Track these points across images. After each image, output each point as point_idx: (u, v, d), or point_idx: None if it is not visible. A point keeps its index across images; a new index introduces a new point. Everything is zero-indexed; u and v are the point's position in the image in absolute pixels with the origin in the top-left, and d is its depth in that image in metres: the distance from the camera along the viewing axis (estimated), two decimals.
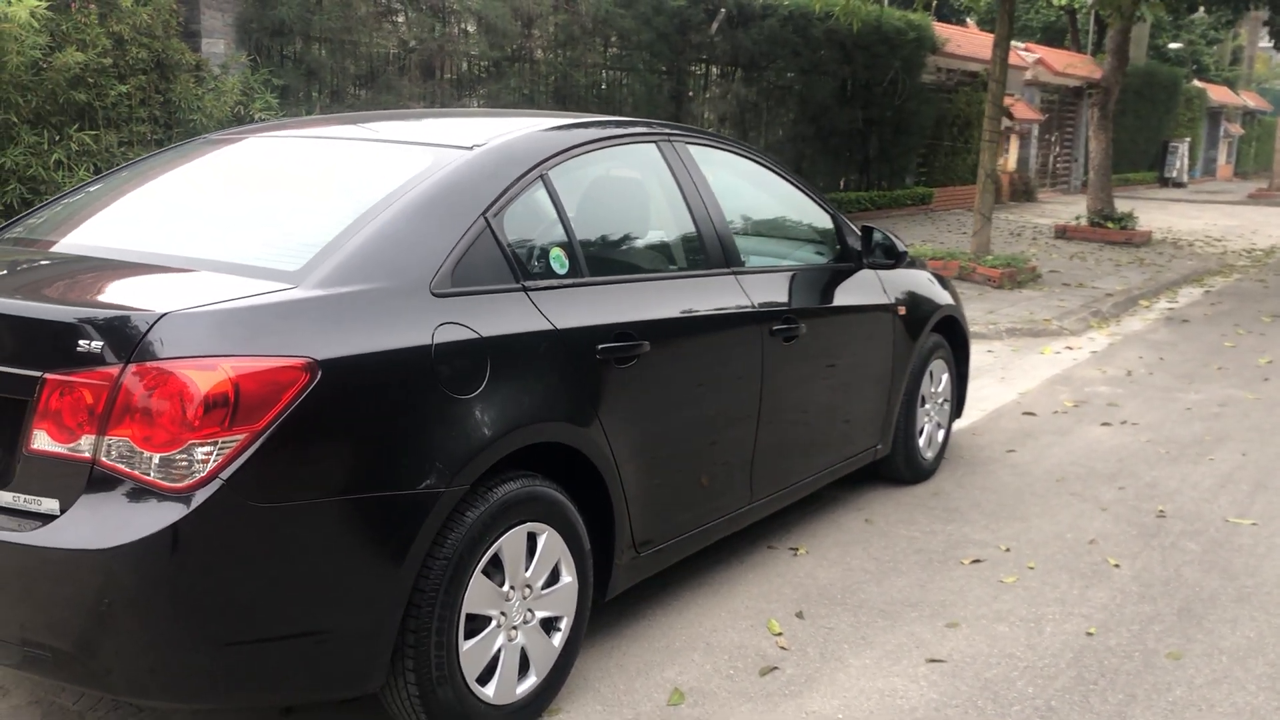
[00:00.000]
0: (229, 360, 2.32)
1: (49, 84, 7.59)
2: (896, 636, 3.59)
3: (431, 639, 2.64)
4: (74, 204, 3.30)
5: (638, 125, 3.73)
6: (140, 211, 3.19)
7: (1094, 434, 6.08)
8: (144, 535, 2.24)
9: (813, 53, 15.66)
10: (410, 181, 2.91)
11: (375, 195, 2.88)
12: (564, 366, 2.98)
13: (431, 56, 10.68)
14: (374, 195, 2.88)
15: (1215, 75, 42.95)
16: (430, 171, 2.94)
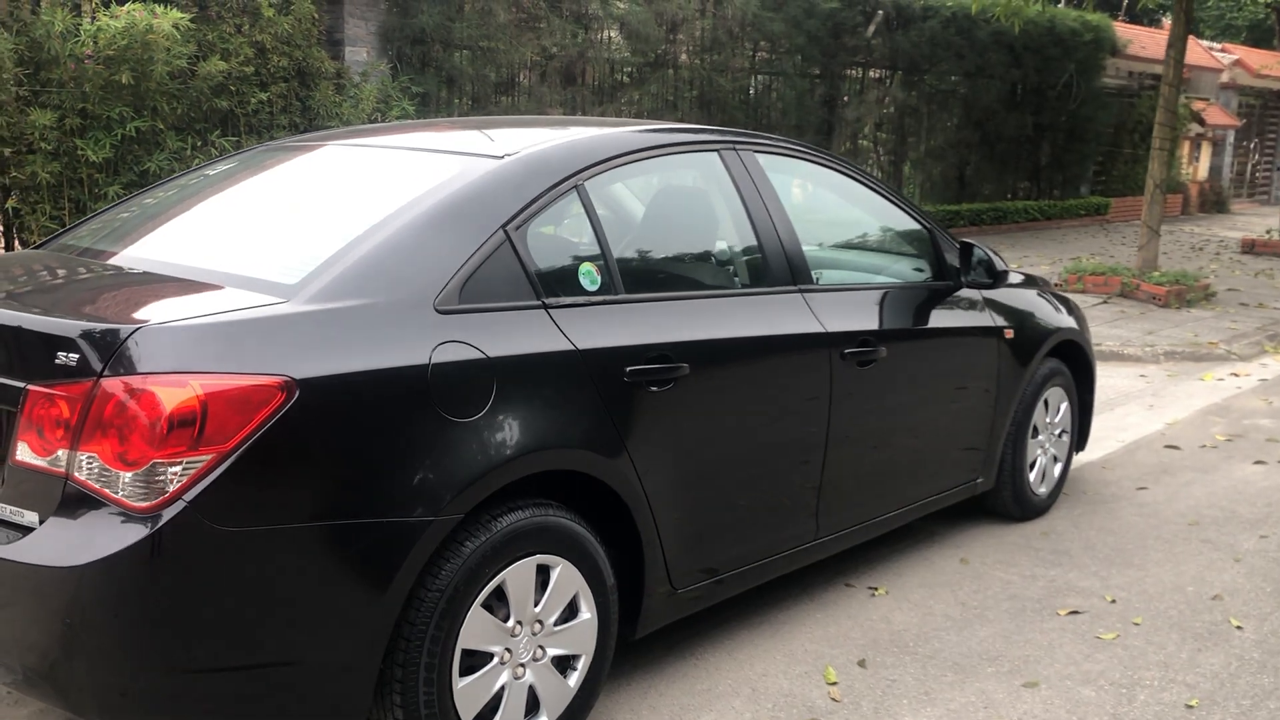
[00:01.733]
0: (199, 377, 2.23)
1: (194, 92, 7.87)
2: (964, 694, 3.26)
3: (420, 674, 2.50)
4: (132, 209, 3.32)
5: (699, 132, 3.52)
6: (183, 220, 3.17)
7: (1243, 472, 5.51)
8: (106, 554, 2.18)
9: (978, 55, 15.01)
10: (428, 193, 2.78)
11: (390, 206, 2.76)
12: (585, 390, 2.80)
13: (572, 63, 10.66)
14: (389, 206, 2.76)
15: None
16: (451, 182, 2.81)
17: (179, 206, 3.22)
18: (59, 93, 7.34)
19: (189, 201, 3.24)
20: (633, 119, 3.64)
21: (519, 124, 3.65)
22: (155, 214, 3.19)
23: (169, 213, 3.19)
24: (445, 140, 3.37)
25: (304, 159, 3.40)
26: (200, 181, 3.40)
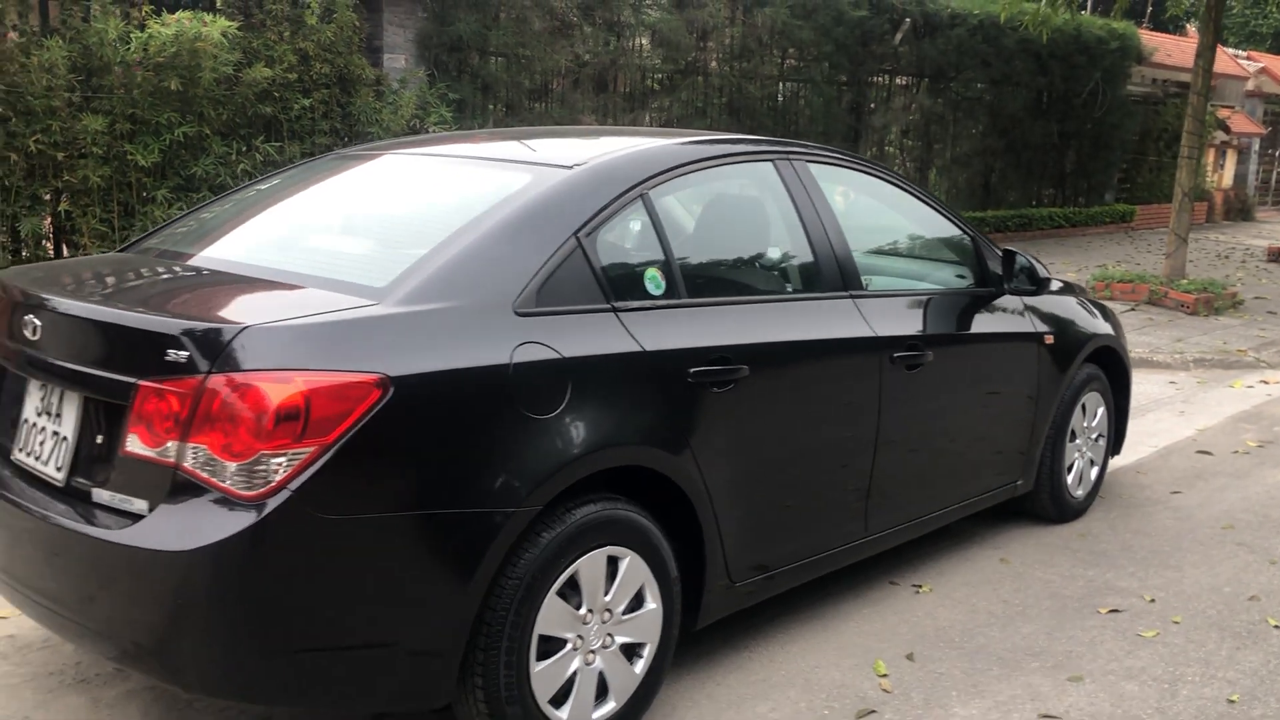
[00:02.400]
0: (303, 374, 2.36)
1: (239, 98, 8.05)
2: (1011, 687, 3.37)
3: (501, 658, 2.63)
4: (210, 215, 3.46)
5: (755, 143, 3.64)
6: (262, 225, 3.31)
7: (1276, 478, 5.60)
8: (216, 540, 2.31)
9: (1005, 63, 15.09)
10: (505, 200, 2.91)
11: (470, 214, 2.90)
12: (652, 389, 2.93)
13: (605, 70, 10.80)
14: (469, 214, 2.90)
15: None
16: (525, 191, 2.95)
17: (258, 212, 3.36)
18: (109, 98, 7.52)
19: (267, 207, 3.38)
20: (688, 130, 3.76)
21: (576, 134, 3.80)
22: (236, 219, 3.34)
23: (250, 217, 3.34)
24: (510, 150, 3.50)
25: (374, 167, 3.54)
26: (275, 188, 3.54)
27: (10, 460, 2.86)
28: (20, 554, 2.73)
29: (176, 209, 7.82)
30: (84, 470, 2.62)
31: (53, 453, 2.70)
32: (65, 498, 2.64)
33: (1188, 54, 20.71)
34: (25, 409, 2.83)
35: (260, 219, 3.33)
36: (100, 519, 2.52)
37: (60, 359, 2.65)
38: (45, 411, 2.75)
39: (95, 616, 2.53)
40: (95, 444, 2.60)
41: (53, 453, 2.70)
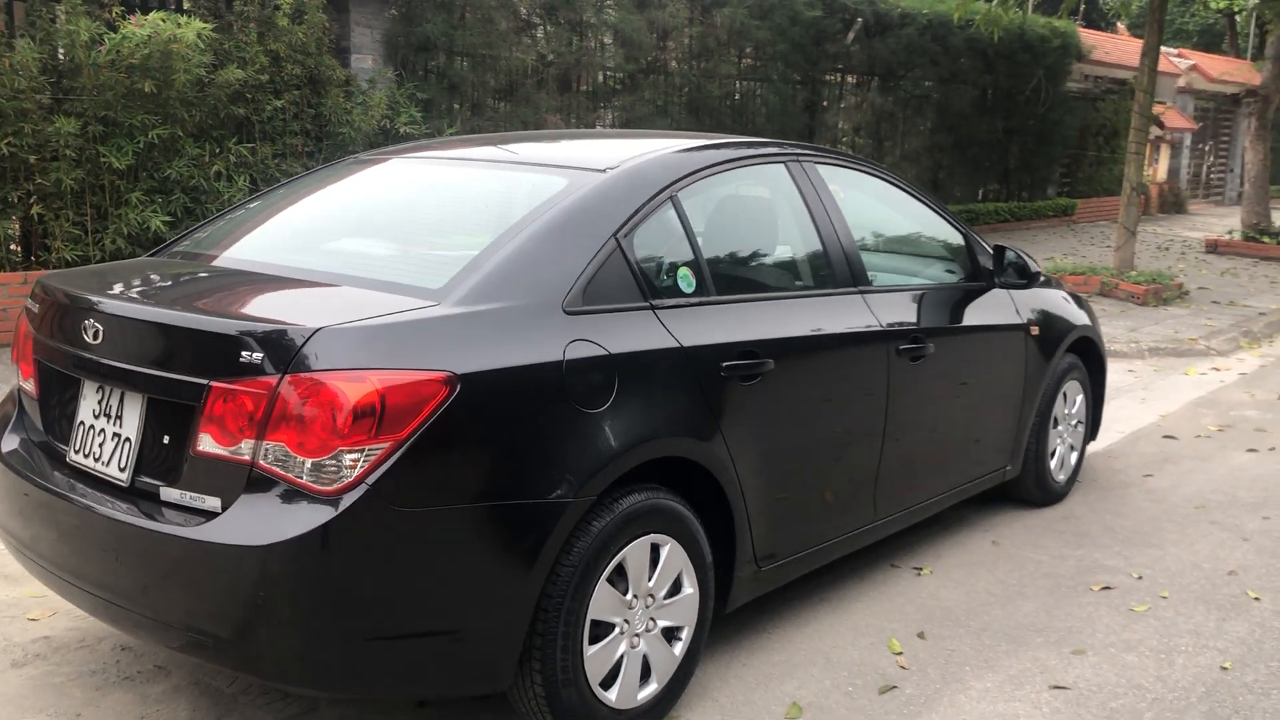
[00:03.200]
0: (376, 373, 2.46)
1: (211, 99, 8.03)
2: (1020, 661, 3.55)
3: (558, 642, 2.75)
4: (235, 220, 3.53)
5: (768, 146, 3.79)
6: (294, 229, 3.39)
7: (1239, 460, 5.88)
8: (297, 534, 2.40)
9: (952, 61, 15.44)
10: (546, 203, 3.03)
11: (513, 216, 3.01)
12: (689, 383, 3.06)
13: (568, 70, 10.90)
14: (512, 216, 3.01)
15: None
16: (565, 194, 3.06)
17: (293, 216, 3.44)
18: (81, 100, 7.48)
19: (302, 211, 3.46)
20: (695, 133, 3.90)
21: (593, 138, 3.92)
22: (271, 223, 3.41)
23: (286, 222, 3.42)
24: (539, 154, 3.60)
25: (405, 172, 3.63)
26: (303, 193, 3.62)
27: (66, 462, 2.91)
28: (81, 552, 2.79)
29: (151, 211, 7.80)
30: (149, 470, 2.69)
31: (114, 454, 2.77)
32: (130, 497, 2.71)
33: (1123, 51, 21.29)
34: (80, 412, 2.89)
35: (298, 223, 3.41)
36: (169, 517, 2.60)
37: (123, 362, 2.72)
38: (105, 414, 2.81)
39: (165, 609, 2.60)
40: (161, 444, 2.68)
41: (114, 454, 2.77)
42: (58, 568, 2.88)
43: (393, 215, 3.43)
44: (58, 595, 3.06)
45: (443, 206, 3.39)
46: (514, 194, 3.24)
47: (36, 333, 3.06)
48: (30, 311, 3.14)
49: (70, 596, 2.93)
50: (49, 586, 3.02)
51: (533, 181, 3.26)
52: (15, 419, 3.17)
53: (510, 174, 3.42)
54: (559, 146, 3.78)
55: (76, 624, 3.60)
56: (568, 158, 3.44)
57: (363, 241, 3.25)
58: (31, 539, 2.96)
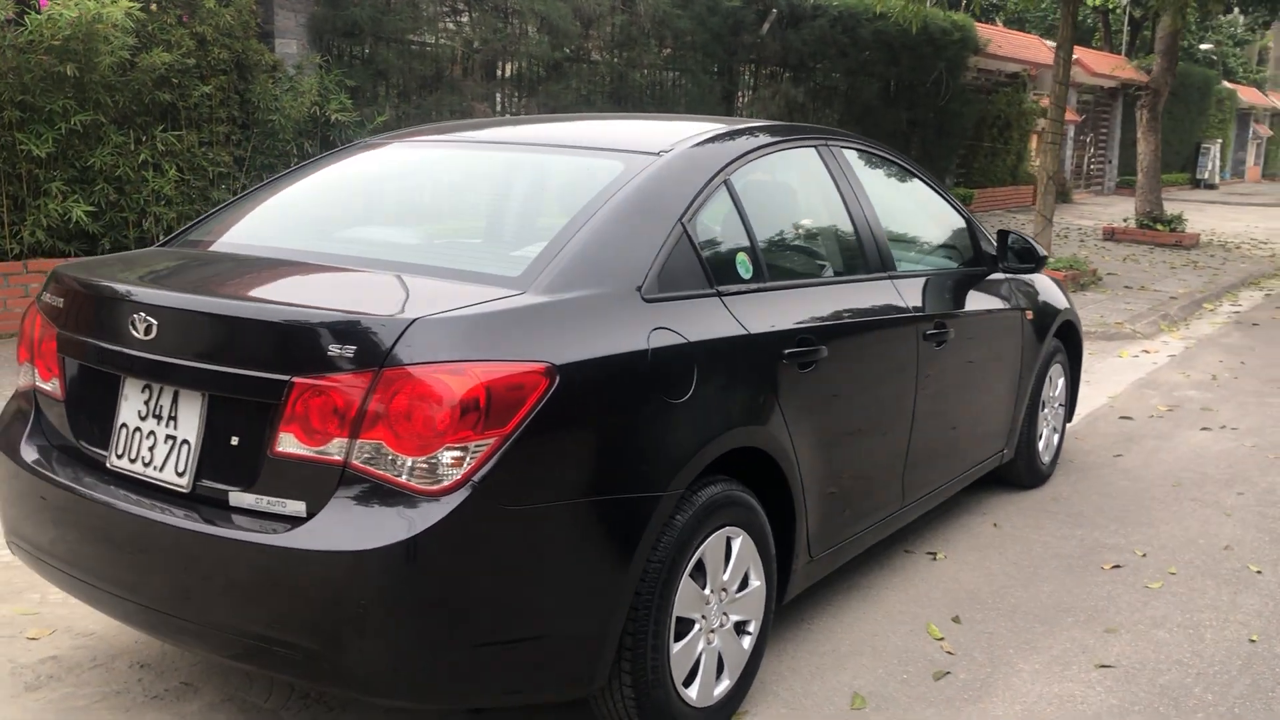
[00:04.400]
0: (479, 365, 2.33)
1: (135, 84, 7.64)
2: (1059, 642, 3.58)
3: (648, 641, 2.65)
4: (256, 208, 3.32)
5: (798, 129, 3.73)
6: (335, 215, 3.20)
7: (1196, 439, 6.07)
8: (403, 538, 2.25)
9: (860, 53, 15.66)
10: (609, 187, 2.91)
11: (578, 201, 2.88)
12: (757, 371, 2.99)
13: (495, 57, 10.70)
14: (577, 201, 2.89)
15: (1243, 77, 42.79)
16: (626, 178, 2.95)
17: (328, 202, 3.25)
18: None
19: (335, 197, 3.28)
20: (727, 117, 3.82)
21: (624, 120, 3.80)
22: (304, 210, 3.22)
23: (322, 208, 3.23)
24: (582, 137, 3.48)
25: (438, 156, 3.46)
26: (325, 178, 3.42)
27: (106, 468, 2.69)
28: (129, 562, 2.59)
29: (73, 202, 7.38)
30: (214, 474, 2.50)
31: (169, 457, 2.56)
32: (190, 503, 2.51)
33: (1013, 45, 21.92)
34: (122, 413, 2.67)
35: (338, 209, 3.22)
36: (243, 523, 2.42)
37: (181, 358, 2.51)
38: (154, 415, 2.60)
39: (238, 620, 2.42)
40: (228, 446, 2.49)
41: (169, 457, 2.56)
42: (97, 579, 2.67)
43: (445, 201, 3.27)
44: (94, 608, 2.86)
45: (497, 192, 3.24)
46: (571, 178, 3.12)
47: (61, 329, 2.81)
48: (49, 306, 2.89)
49: (108, 608, 2.73)
50: (79, 598, 2.81)
51: (587, 165, 3.14)
52: (33, 423, 2.92)
53: (561, 158, 3.29)
54: (594, 129, 3.65)
55: (82, 641, 3.35)
56: (614, 141, 3.32)
57: (420, 228, 3.09)
58: (61, 550, 2.74)
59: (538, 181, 3.23)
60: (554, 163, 3.28)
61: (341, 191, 3.34)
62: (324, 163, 3.56)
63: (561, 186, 3.10)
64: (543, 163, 3.31)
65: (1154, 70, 15.81)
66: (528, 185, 3.24)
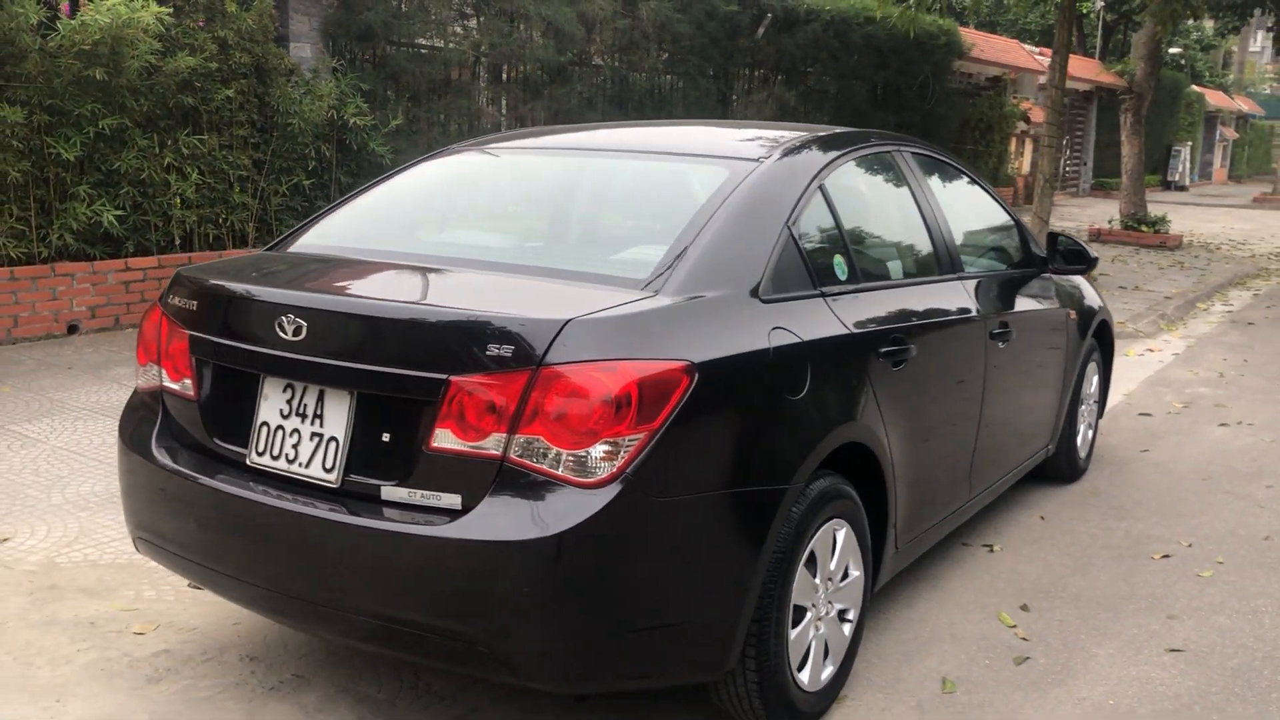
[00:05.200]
0: (630, 363, 2.44)
1: (159, 88, 7.68)
2: (1126, 628, 3.73)
3: (772, 628, 2.77)
4: (362, 214, 3.40)
5: (871, 135, 3.86)
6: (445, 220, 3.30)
7: (1216, 434, 6.26)
8: (565, 528, 2.36)
9: (850, 57, 15.85)
10: (719, 192, 3.03)
11: (690, 206, 3.00)
12: (858, 370, 3.12)
13: (504, 60, 10.78)
14: (689, 206, 3.00)
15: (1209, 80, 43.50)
16: (733, 183, 3.06)
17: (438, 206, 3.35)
18: (27, 88, 7.05)
19: (443, 202, 3.37)
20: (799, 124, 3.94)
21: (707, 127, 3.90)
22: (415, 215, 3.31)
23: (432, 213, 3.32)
24: (675, 144, 3.59)
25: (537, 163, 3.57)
26: (426, 183, 3.51)
27: (247, 465, 2.77)
28: (272, 555, 2.67)
29: (101, 205, 7.41)
30: (364, 469, 2.60)
31: (315, 454, 2.65)
32: (339, 498, 2.60)
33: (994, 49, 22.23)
34: (262, 411, 2.76)
35: (449, 214, 3.31)
36: (396, 516, 2.51)
37: (331, 358, 2.60)
38: (298, 413, 2.69)
39: (392, 610, 2.52)
40: (379, 442, 2.58)
41: (315, 454, 2.65)
42: (237, 572, 2.75)
43: (553, 205, 3.37)
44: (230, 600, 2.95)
45: (602, 197, 3.35)
46: (679, 184, 3.23)
47: (194, 331, 2.89)
48: (177, 309, 2.97)
49: (245, 600, 2.83)
50: (215, 590, 2.91)
51: (692, 171, 3.25)
52: (161, 422, 3.00)
53: (662, 164, 3.40)
54: (679, 135, 3.76)
55: (187, 635, 3.43)
56: (710, 147, 3.44)
57: (531, 232, 3.19)
58: (198, 544, 2.83)
59: (642, 186, 3.35)
60: (656, 168, 3.40)
61: (442, 197, 3.43)
62: (415, 169, 3.65)
63: (668, 191, 3.21)
64: (645, 168, 3.42)
65: (1137, 75, 16.11)
66: (633, 190, 3.35)
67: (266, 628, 3.50)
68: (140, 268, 7.78)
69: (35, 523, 4.27)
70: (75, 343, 7.33)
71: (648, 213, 3.14)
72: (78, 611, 3.56)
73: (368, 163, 9.25)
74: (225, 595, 2.91)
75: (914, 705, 3.20)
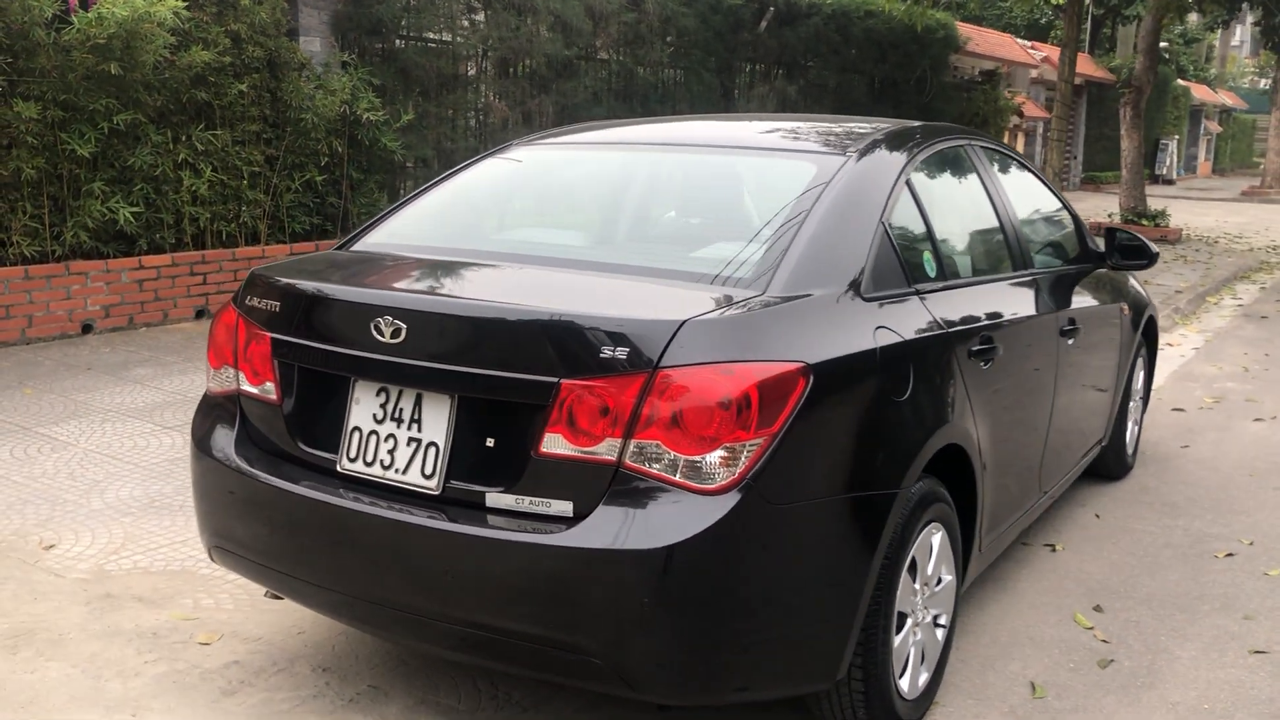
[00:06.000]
0: (748, 366, 2.35)
1: (173, 83, 7.54)
2: (1205, 629, 3.68)
3: (879, 635, 2.70)
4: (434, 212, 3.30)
5: (945, 129, 3.78)
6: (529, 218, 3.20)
7: (1253, 429, 6.22)
8: (688, 536, 2.28)
9: (851, 51, 15.80)
10: (811, 189, 2.95)
11: (782, 203, 2.92)
12: (952, 369, 3.04)
13: (511, 55, 10.67)
14: (781, 203, 2.92)
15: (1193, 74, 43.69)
16: (824, 179, 2.98)
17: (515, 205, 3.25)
18: (40, 83, 6.90)
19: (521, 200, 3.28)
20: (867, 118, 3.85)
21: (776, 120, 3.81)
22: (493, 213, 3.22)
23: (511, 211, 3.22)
24: (753, 138, 3.51)
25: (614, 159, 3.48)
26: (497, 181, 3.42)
27: (338, 472, 2.68)
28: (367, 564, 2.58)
29: (116, 202, 7.27)
30: (467, 475, 2.51)
31: (413, 460, 2.56)
32: (440, 505, 2.51)
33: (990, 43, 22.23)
34: (353, 416, 2.66)
35: (530, 212, 3.22)
36: (502, 524, 2.43)
37: (433, 361, 2.51)
38: (393, 418, 2.60)
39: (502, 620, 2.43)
40: (484, 448, 2.49)
41: (413, 460, 2.56)
42: (326, 581, 2.66)
43: (636, 202, 3.28)
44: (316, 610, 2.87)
45: (689, 193, 3.26)
46: (764, 179, 3.15)
47: (275, 333, 2.79)
48: (256, 310, 2.87)
49: (333, 610, 2.75)
50: (300, 600, 2.82)
51: (776, 167, 3.17)
52: (239, 428, 2.90)
53: (745, 159, 3.32)
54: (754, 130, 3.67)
55: (254, 646, 3.33)
56: (790, 142, 3.36)
57: (617, 230, 3.10)
58: (282, 552, 2.73)
59: (725, 182, 3.26)
60: (737, 163, 3.31)
61: (514, 194, 3.34)
62: (479, 166, 3.55)
63: (754, 187, 3.12)
64: (725, 163, 3.33)
65: (1137, 68, 16.09)
66: (717, 186, 3.26)
67: (334, 637, 3.40)
68: (154, 266, 7.65)
69: (79, 529, 4.15)
70: (90, 342, 7.19)
71: (736, 209, 3.05)
72: (138, 621, 3.45)
73: (379, 158, 9.14)
74: (309, 604, 2.82)
75: (1007, 711, 3.14)
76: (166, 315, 7.74)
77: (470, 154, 10.59)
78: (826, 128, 3.53)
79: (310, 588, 2.73)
